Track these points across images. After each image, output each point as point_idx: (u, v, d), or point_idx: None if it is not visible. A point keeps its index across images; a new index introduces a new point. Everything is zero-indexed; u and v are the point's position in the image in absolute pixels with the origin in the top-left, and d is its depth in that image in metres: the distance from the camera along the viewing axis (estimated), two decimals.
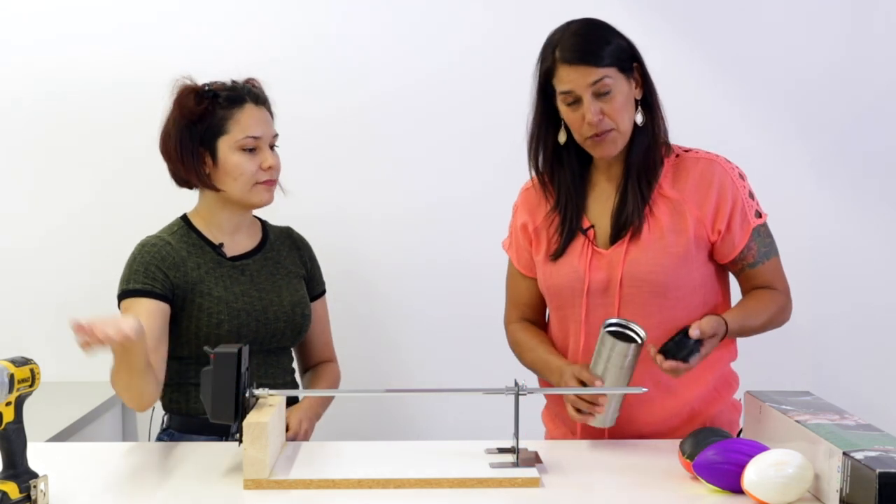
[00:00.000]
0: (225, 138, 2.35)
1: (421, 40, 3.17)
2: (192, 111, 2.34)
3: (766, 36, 3.19)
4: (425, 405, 3.18)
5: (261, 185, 2.36)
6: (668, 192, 2.20)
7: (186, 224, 2.42)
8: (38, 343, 3.08)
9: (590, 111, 2.11)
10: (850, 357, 3.23)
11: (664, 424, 2.20)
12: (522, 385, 1.94)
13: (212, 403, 1.90)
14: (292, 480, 1.84)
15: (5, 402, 1.65)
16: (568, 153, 2.23)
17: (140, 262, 2.33)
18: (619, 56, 2.13)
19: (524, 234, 2.30)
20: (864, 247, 3.23)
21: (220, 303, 2.33)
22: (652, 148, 2.20)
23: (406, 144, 3.19)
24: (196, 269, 2.35)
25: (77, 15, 3.17)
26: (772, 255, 2.23)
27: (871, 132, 3.21)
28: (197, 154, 2.36)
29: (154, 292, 2.30)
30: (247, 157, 2.35)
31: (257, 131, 2.35)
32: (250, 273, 2.41)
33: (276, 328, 2.40)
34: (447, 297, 3.21)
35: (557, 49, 2.14)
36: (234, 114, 2.35)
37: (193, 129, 2.35)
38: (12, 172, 3.19)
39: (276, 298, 2.41)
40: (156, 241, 2.37)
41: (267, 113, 2.41)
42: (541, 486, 1.84)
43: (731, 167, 2.21)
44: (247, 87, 2.40)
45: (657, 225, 2.18)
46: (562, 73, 2.13)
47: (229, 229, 2.42)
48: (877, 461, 1.58)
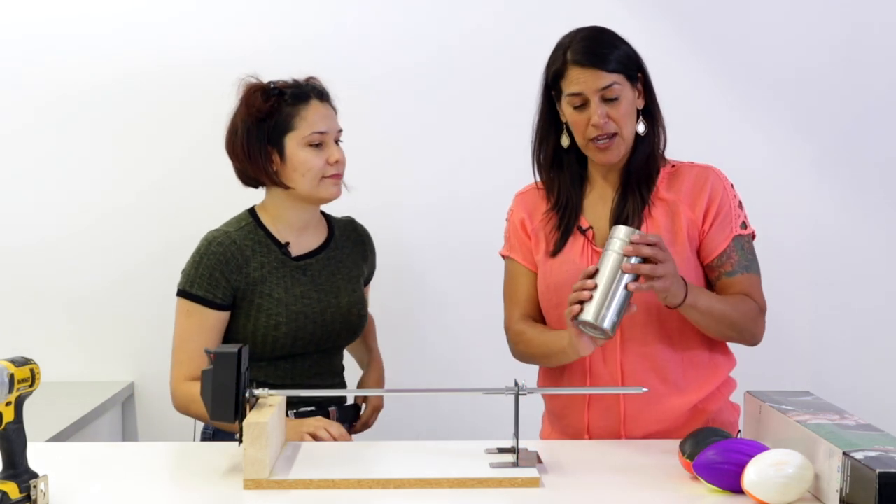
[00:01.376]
0: (292, 135, 2.36)
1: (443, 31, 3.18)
2: (260, 109, 2.36)
3: (766, 36, 3.19)
4: (426, 405, 3.18)
5: (328, 180, 2.38)
6: (665, 195, 2.23)
7: (254, 219, 2.42)
8: (38, 343, 3.09)
9: (596, 113, 2.15)
10: (850, 357, 3.23)
11: (673, 423, 2.20)
12: (522, 385, 1.93)
13: (212, 403, 1.90)
14: (292, 480, 1.84)
15: (5, 402, 1.65)
16: (569, 156, 2.27)
17: (206, 266, 2.34)
18: (627, 64, 2.18)
19: (524, 231, 2.31)
20: (864, 246, 3.23)
21: (279, 304, 2.35)
22: (651, 157, 2.23)
23: (415, 146, 3.20)
24: (259, 269, 2.36)
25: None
26: (752, 271, 2.22)
27: (871, 132, 3.22)
28: (265, 152, 2.37)
29: (215, 303, 2.34)
30: (314, 153, 2.37)
31: (323, 126, 2.37)
32: (312, 273, 2.42)
33: (333, 330, 2.42)
34: (447, 298, 3.21)
35: (569, 51, 2.17)
36: (301, 110, 2.37)
37: (261, 127, 2.37)
38: (13, 173, 3.20)
39: (335, 300, 2.42)
40: (223, 240, 2.37)
41: (331, 109, 2.43)
42: (541, 486, 1.84)
43: (724, 176, 2.26)
44: (310, 84, 2.42)
45: (654, 226, 2.20)
46: (572, 74, 2.16)
47: (298, 227, 2.44)
48: (877, 461, 1.58)
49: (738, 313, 2.15)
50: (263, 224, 2.42)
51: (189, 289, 2.35)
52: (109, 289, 3.18)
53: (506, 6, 3.19)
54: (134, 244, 3.18)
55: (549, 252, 2.26)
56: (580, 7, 3.00)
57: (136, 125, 3.15)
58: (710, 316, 2.12)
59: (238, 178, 2.46)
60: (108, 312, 3.18)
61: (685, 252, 2.19)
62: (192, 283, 2.35)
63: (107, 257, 3.20)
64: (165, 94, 3.15)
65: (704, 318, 2.13)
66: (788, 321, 3.14)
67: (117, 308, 3.19)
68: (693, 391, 2.21)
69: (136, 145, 3.17)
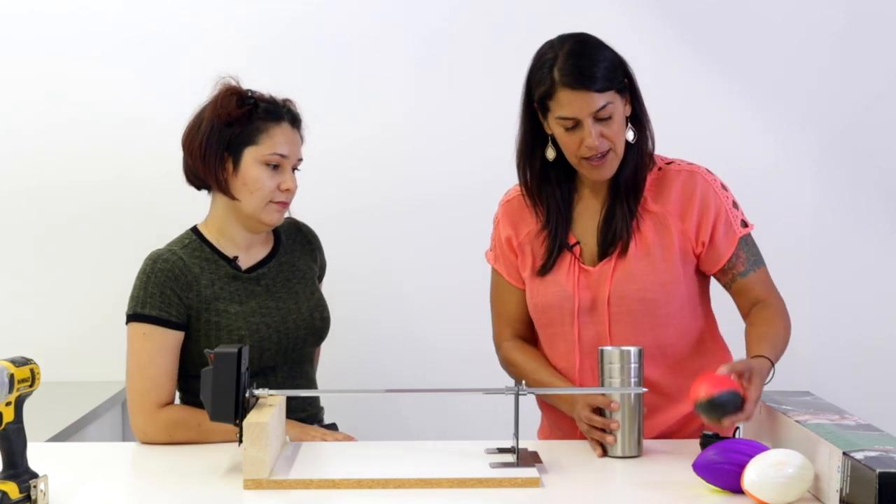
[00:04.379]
0: (252, 149, 2.29)
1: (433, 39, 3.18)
2: (231, 113, 2.29)
3: (765, 36, 3.19)
4: (425, 405, 3.18)
5: (274, 205, 2.30)
6: (652, 206, 2.19)
7: (198, 237, 2.34)
8: (38, 343, 3.08)
9: (591, 135, 2.09)
10: (850, 357, 3.23)
11: (668, 430, 2.20)
12: (522, 385, 1.94)
13: (212, 404, 1.90)
14: (292, 480, 1.84)
15: (5, 402, 1.65)
16: (556, 169, 2.21)
17: (155, 284, 2.24)
18: (615, 75, 2.11)
19: (509, 248, 2.28)
20: (863, 246, 3.23)
21: (238, 318, 2.27)
22: (640, 165, 2.19)
23: (415, 147, 3.21)
24: (210, 286, 2.28)
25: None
26: (760, 265, 2.21)
27: (871, 132, 3.21)
28: (221, 157, 2.31)
29: (170, 321, 2.23)
30: (268, 174, 2.29)
31: (285, 150, 2.30)
32: (266, 283, 2.35)
33: (298, 337, 2.35)
34: (448, 297, 3.21)
35: (555, 70, 2.09)
36: (269, 127, 2.30)
37: (224, 131, 2.30)
38: (14, 174, 3.20)
39: (294, 306, 2.36)
40: (168, 257, 2.27)
41: (298, 136, 2.36)
42: (541, 486, 1.83)
43: (712, 178, 2.21)
44: (286, 106, 2.35)
45: (643, 241, 2.18)
46: (563, 97, 2.09)
47: (243, 243, 2.35)
48: (877, 461, 1.58)
49: (786, 332, 2.16)
50: (208, 241, 2.33)
51: (141, 310, 2.22)
52: (109, 288, 3.18)
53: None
54: (135, 243, 3.17)
55: (537, 271, 2.23)
56: (583, 9, 3.01)
57: (142, 133, 3.14)
58: (781, 354, 2.13)
59: (184, 174, 2.37)
60: (108, 312, 3.17)
61: (676, 267, 2.17)
62: (144, 304, 2.23)
63: (107, 256, 3.20)
64: (165, 97, 3.15)
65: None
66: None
67: (117, 308, 3.18)
68: (687, 399, 2.19)
69: (137, 146, 3.17)
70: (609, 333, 2.16)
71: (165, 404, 2.21)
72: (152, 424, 2.19)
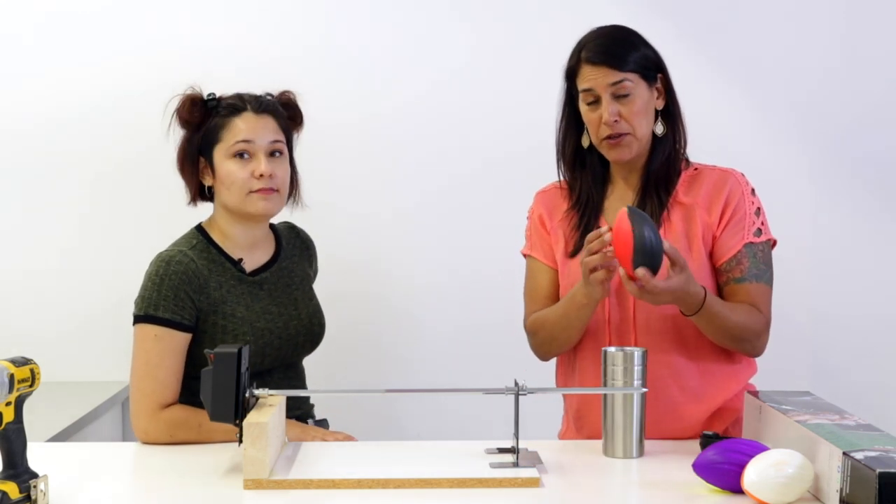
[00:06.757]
0: (219, 146, 2.30)
1: (436, 43, 3.18)
2: (188, 121, 2.32)
3: (765, 36, 3.19)
4: (425, 405, 3.18)
5: (255, 194, 2.27)
6: (683, 198, 2.23)
7: (204, 237, 2.33)
8: (39, 343, 3.08)
9: (607, 111, 2.15)
10: (850, 357, 3.23)
11: (691, 430, 2.18)
12: (522, 385, 1.93)
13: (212, 404, 1.90)
14: (292, 480, 1.84)
15: (5, 402, 1.65)
16: (591, 157, 2.27)
17: (169, 286, 2.22)
18: (644, 64, 2.18)
19: (542, 227, 2.31)
20: (863, 246, 3.23)
21: (244, 324, 2.27)
22: (671, 159, 2.23)
23: (415, 149, 3.20)
24: (218, 289, 2.27)
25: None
26: (762, 281, 2.20)
27: (871, 133, 3.21)
28: (198, 165, 2.33)
29: (182, 324, 2.22)
30: (239, 165, 2.28)
31: (248, 136, 2.28)
32: (268, 288, 2.35)
33: (297, 343, 2.36)
34: (448, 297, 3.21)
35: (584, 49, 2.20)
36: (230, 121, 2.30)
37: (193, 138, 2.32)
38: (16, 178, 3.20)
39: (295, 312, 2.37)
40: (181, 259, 2.26)
41: (270, 120, 2.32)
42: (541, 486, 1.84)
43: (744, 181, 2.25)
44: (253, 97, 2.33)
45: (672, 230, 2.20)
46: (584, 71, 2.19)
47: (246, 244, 2.35)
48: (877, 461, 1.58)
49: (741, 326, 2.14)
50: (214, 241, 2.33)
51: (154, 312, 2.21)
52: (110, 289, 3.18)
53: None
54: (135, 243, 3.18)
55: (568, 253, 2.26)
56: (592, 12, 3.01)
57: (140, 131, 3.14)
58: (714, 323, 2.11)
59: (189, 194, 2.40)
60: (108, 312, 3.18)
61: (701, 258, 2.19)
62: (157, 307, 2.21)
63: (107, 256, 3.20)
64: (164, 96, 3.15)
65: (710, 325, 2.12)
66: (788, 321, 3.13)
67: (118, 308, 3.18)
68: (711, 398, 2.20)
69: (136, 148, 3.17)
70: (633, 318, 2.18)
71: (168, 405, 2.21)
72: (154, 424, 2.19)
